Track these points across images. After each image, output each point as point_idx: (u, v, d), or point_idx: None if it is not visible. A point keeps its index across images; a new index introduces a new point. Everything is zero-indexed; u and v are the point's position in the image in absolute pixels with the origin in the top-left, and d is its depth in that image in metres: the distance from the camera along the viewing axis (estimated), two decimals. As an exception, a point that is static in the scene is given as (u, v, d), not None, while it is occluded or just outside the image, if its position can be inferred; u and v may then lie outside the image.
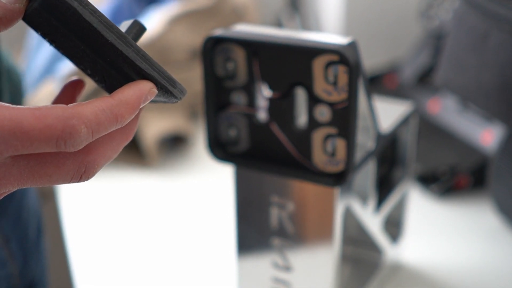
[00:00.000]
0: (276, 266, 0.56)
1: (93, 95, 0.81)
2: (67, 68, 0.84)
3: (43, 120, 0.31)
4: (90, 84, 0.70)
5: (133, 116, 0.35)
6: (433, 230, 0.71)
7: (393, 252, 0.63)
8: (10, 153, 0.31)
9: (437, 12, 0.92)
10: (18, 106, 0.31)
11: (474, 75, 0.64)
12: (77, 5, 0.32)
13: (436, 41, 0.89)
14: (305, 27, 1.17)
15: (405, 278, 0.64)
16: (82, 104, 0.33)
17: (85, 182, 0.40)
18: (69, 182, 0.34)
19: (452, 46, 0.68)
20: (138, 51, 0.34)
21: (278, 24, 1.19)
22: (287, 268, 0.55)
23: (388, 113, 0.58)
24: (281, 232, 0.54)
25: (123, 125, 0.35)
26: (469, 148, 0.80)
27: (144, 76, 0.35)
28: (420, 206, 0.75)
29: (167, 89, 0.36)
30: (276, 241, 0.55)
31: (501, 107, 0.61)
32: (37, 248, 0.65)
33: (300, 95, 0.49)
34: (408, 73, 0.94)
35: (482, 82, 0.63)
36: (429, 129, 0.85)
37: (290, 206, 0.53)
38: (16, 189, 0.33)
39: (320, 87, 0.47)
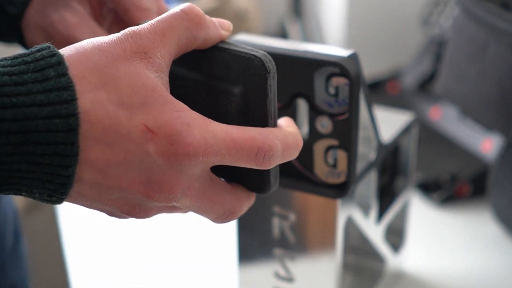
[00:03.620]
0: (277, 276, 0.56)
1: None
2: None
3: (247, 132, 0.33)
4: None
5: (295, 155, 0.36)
6: (434, 239, 0.71)
7: (395, 261, 0.63)
8: (216, 160, 0.32)
9: (438, 19, 0.92)
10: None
11: (473, 85, 0.64)
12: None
13: (438, 48, 0.90)
14: (307, 32, 1.17)
15: (407, 287, 0.64)
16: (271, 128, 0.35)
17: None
18: (218, 218, 0.36)
19: (452, 55, 0.68)
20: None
21: (281, 29, 1.19)
22: (289, 279, 0.55)
23: (389, 122, 0.58)
24: (283, 243, 0.54)
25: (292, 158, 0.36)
26: (469, 156, 0.80)
27: None
28: (421, 214, 0.75)
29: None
30: (277, 252, 0.55)
31: (500, 118, 0.61)
32: (15, 254, 0.63)
33: (302, 106, 0.50)
34: (410, 80, 0.94)
35: (481, 93, 0.63)
36: (430, 137, 0.85)
37: (292, 217, 0.53)
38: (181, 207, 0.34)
39: (321, 98, 0.47)
